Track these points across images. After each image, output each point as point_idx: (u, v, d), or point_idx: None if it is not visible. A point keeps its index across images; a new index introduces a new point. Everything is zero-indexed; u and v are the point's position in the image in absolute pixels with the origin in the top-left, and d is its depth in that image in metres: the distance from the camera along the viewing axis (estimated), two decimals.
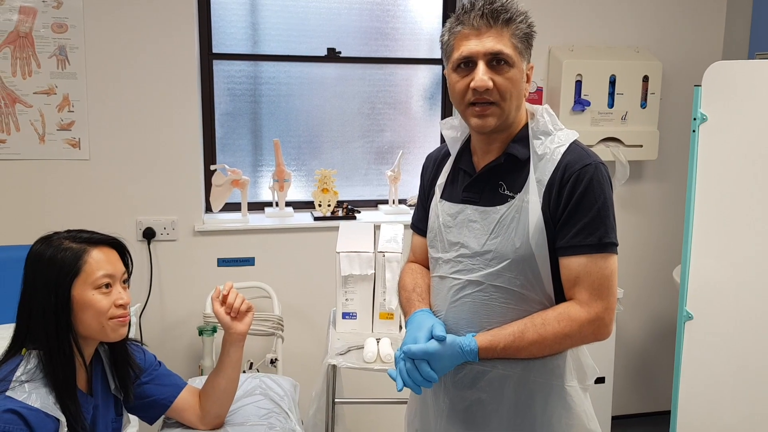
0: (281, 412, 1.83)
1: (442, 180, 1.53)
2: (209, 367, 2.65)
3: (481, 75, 1.33)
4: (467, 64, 1.36)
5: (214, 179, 2.87)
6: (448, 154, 1.55)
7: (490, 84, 1.34)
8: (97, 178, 2.74)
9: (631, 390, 3.47)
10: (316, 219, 3.00)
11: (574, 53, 3.06)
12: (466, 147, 1.51)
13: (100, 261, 1.46)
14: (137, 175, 2.78)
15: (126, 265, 1.54)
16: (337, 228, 2.44)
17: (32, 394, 1.36)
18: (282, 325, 2.71)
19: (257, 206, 3.08)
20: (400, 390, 1.37)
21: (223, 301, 1.70)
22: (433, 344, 1.34)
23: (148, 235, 2.80)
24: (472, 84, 1.34)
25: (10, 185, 2.67)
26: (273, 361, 2.72)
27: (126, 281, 1.53)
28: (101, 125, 2.72)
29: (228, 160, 3.01)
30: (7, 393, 1.35)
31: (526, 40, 1.37)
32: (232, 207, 2.98)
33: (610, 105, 3.05)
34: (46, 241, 1.48)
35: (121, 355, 1.59)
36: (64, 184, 2.72)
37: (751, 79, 2.21)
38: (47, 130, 2.67)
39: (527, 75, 1.41)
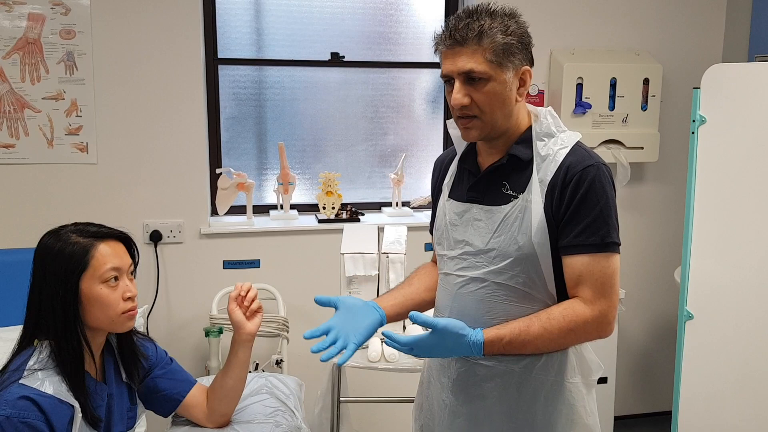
0: (287, 410, 1.85)
1: (449, 180, 1.57)
2: (215, 368, 2.68)
3: (455, 93, 1.38)
4: (449, 80, 1.41)
5: (220, 182, 2.90)
6: (454, 156, 1.59)
7: (466, 101, 1.38)
8: (104, 182, 2.77)
9: (634, 390, 3.49)
10: (321, 221, 3.02)
11: (575, 56, 3.08)
12: (471, 147, 1.54)
13: (107, 255, 1.48)
14: (144, 179, 2.81)
15: (132, 257, 1.56)
16: (340, 230, 2.47)
17: (45, 381, 1.38)
18: (287, 327, 2.73)
19: (262, 209, 3.11)
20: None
21: (241, 300, 1.70)
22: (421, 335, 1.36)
23: (155, 237, 2.83)
24: (450, 102, 1.40)
25: (19, 189, 2.71)
26: (278, 362, 2.74)
27: (133, 272, 1.55)
28: (108, 130, 2.75)
29: (233, 164, 3.04)
30: (21, 381, 1.37)
31: (505, 51, 1.36)
32: (237, 210, 3.01)
33: (611, 107, 3.07)
34: (54, 234, 1.50)
35: (128, 345, 1.61)
36: (72, 187, 2.75)
37: (749, 82, 2.24)
38: (55, 134, 2.71)
39: (521, 79, 1.41)
